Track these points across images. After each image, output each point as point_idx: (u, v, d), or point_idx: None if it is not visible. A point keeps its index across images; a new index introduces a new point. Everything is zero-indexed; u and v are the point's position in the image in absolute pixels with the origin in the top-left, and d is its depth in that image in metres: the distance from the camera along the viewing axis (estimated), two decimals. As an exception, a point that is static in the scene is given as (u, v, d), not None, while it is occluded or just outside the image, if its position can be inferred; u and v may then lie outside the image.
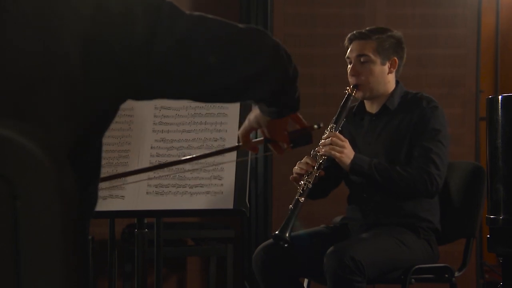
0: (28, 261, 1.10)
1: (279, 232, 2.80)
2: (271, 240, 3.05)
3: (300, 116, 1.71)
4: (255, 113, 1.67)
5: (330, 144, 2.92)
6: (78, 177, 1.19)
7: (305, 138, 1.71)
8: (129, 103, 1.54)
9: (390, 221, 2.98)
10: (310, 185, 2.87)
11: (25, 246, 1.10)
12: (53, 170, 1.14)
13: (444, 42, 4.48)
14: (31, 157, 1.12)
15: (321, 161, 2.92)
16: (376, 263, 2.83)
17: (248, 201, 2.36)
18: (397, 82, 3.08)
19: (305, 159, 2.94)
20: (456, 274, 3.02)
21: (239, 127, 2.42)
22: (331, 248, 2.81)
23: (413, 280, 2.92)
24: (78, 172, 1.20)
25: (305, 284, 3.10)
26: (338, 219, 3.18)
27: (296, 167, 2.95)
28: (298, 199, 2.85)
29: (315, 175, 2.89)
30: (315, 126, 1.72)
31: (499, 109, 2.54)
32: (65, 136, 1.32)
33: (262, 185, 4.42)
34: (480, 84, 4.50)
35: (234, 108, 2.40)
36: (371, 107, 3.09)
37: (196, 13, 1.44)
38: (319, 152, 2.93)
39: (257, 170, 4.40)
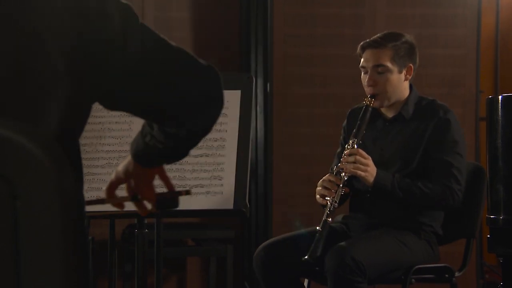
0: (28, 261, 1.10)
1: (309, 256, 2.76)
2: (271, 240, 3.05)
3: (168, 177, 1.68)
4: (124, 162, 1.65)
5: (354, 162, 2.89)
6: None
7: (172, 202, 1.67)
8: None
9: (391, 222, 2.98)
10: (336, 205, 2.85)
11: (25, 246, 1.10)
12: (53, 170, 1.13)
13: (444, 42, 4.48)
14: (31, 157, 1.12)
15: (345, 179, 2.89)
16: (377, 264, 2.83)
17: (248, 202, 2.36)
18: (410, 87, 3.07)
19: (328, 177, 2.90)
20: (456, 274, 3.02)
21: (239, 128, 2.42)
22: (332, 248, 2.81)
23: (413, 280, 2.92)
24: None
25: (305, 284, 3.09)
26: (339, 218, 3.18)
27: (319, 188, 2.91)
28: (326, 220, 2.81)
29: (341, 194, 2.87)
30: (185, 193, 1.68)
31: (499, 109, 2.54)
32: (50, 127, 1.33)
33: (263, 185, 4.42)
34: (480, 84, 4.50)
35: (234, 109, 2.40)
36: (386, 111, 3.06)
37: (162, 35, 1.47)
38: (342, 169, 2.90)
39: (258, 171, 4.40)
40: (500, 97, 2.56)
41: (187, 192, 1.68)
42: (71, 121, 1.38)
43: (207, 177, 2.35)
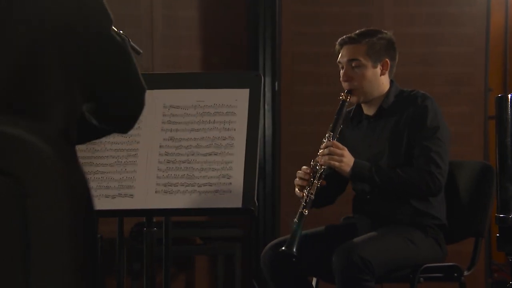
0: (37, 257, 1.11)
1: (286, 247, 2.78)
2: (279, 239, 3.05)
3: None
4: None
5: (329, 154, 2.90)
6: None
7: None
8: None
9: (397, 220, 2.98)
10: (312, 196, 2.85)
11: (35, 243, 1.11)
12: (63, 168, 1.14)
13: (452, 40, 4.47)
14: (41, 155, 1.12)
15: (321, 171, 2.90)
16: (385, 262, 2.83)
17: (256, 200, 2.36)
18: (391, 82, 3.07)
19: (304, 169, 2.92)
20: (465, 273, 3.01)
21: (248, 126, 2.43)
22: (339, 247, 2.81)
23: (421, 279, 2.92)
24: None
25: (313, 283, 3.09)
26: (346, 218, 3.18)
27: (297, 179, 2.93)
28: (302, 211, 2.83)
29: (317, 186, 2.87)
30: None
31: (508, 108, 2.53)
32: (57, 123, 1.34)
33: (270, 184, 4.42)
34: (488, 82, 4.49)
35: (242, 107, 2.40)
36: (369, 110, 3.08)
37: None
38: (318, 162, 2.91)
39: (265, 169, 4.40)
40: (509, 95, 2.55)
41: None
42: (73, 118, 1.38)
43: (216, 175, 2.34)
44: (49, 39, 1.33)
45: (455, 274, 3.00)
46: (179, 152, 2.38)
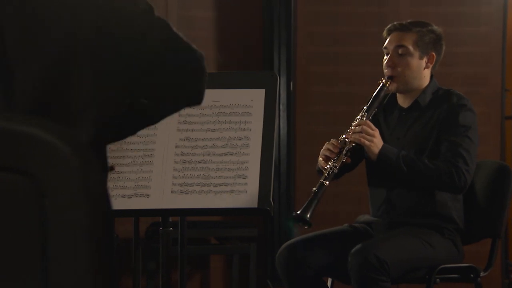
0: (55, 257, 1.11)
1: (300, 212, 2.81)
2: (294, 239, 3.05)
3: None
4: None
5: (360, 132, 2.90)
6: None
7: None
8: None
9: (414, 221, 2.97)
10: (336, 170, 2.86)
11: (52, 243, 1.11)
12: (80, 168, 1.14)
13: (468, 40, 4.45)
14: (57, 153, 1.12)
15: (349, 147, 2.90)
16: (401, 262, 2.82)
17: (272, 200, 2.36)
18: (431, 78, 3.06)
19: (333, 141, 2.93)
20: (482, 274, 3.00)
21: (263, 126, 2.43)
22: (355, 247, 2.80)
23: (438, 280, 2.91)
24: None
25: (328, 283, 3.09)
26: (361, 218, 3.17)
27: (324, 149, 2.93)
28: (323, 182, 2.85)
29: (342, 160, 2.88)
30: None
31: (525, 108, 2.52)
32: (87, 129, 1.33)
33: (285, 184, 4.41)
34: (505, 82, 4.46)
35: (258, 107, 2.40)
36: (403, 101, 3.07)
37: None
38: (348, 138, 2.92)
39: (280, 169, 4.40)
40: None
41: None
42: (103, 123, 1.38)
43: (231, 176, 2.35)
44: (82, 45, 1.33)
45: (472, 275, 2.98)
46: (195, 152, 2.39)
